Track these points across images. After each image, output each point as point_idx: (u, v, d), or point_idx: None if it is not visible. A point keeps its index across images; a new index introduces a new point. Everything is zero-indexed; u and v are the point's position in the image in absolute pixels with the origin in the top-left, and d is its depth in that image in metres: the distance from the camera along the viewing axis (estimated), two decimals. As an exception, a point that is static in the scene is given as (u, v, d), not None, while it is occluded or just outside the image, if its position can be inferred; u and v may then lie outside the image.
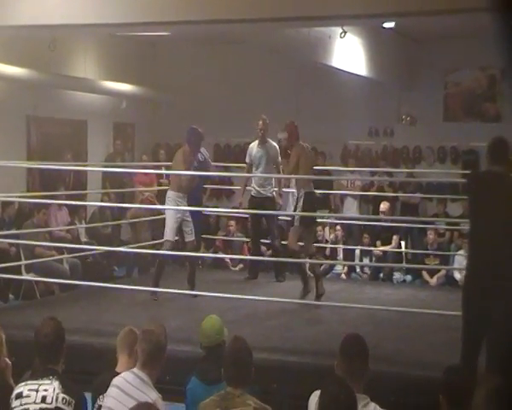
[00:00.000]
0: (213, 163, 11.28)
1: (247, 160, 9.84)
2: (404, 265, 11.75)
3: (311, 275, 8.55)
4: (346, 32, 9.12)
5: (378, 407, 3.79)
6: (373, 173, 13.09)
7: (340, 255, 12.51)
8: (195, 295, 8.24)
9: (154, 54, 14.82)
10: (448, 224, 12.13)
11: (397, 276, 11.93)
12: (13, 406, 4.05)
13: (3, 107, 11.70)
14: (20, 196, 10.99)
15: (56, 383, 4.05)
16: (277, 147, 9.68)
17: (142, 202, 11.91)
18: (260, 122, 9.72)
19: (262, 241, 10.26)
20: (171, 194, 8.59)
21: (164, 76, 14.67)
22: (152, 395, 4.05)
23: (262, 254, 10.59)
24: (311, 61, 11.81)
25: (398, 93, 14.17)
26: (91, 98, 13.81)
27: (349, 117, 13.95)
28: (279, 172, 9.71)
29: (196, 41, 13.63)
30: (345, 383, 3.44)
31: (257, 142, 9.78)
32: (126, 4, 7.85)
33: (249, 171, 9.76)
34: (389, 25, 11.25)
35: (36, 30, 8.86)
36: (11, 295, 10.49)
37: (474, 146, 13.17)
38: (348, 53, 11.49)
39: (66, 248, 10.35)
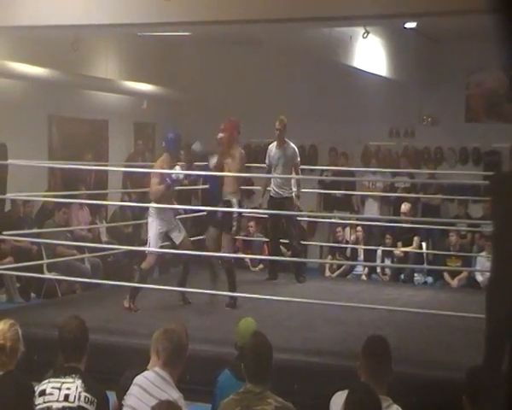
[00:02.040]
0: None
1: (267, 161, 9.80)
2: (426, 266, 11.70)
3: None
4: (368, 33, 9.09)
5: (400, 408, 3.77)
6: (394, 174, 13.04)
7: (361, 256, 12.48)
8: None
9: (174, 54, 14.85)
10: (469, 225, 12.06)
11: (418, 277, 11.88)
12: (36, 403, 4.07)
13: (26, 107, 11.77)
14: (41, 196, 11.06)
15: (79, 382, 4.06)
16: (295, 148, 9.65)
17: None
18: (278, 123, 9.64)
19: (281, 241, 10.21)
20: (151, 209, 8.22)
21: (184, 76, 14.70)
22: (173, 394, 4.05)
23: (281, 255, 10.49)
24: (331, 62, 11.78)
25: (419, 94, 14.11)
26: (112, 98, 13.87)
27: (370, 118, 13.91)
28: (297, 174, 9.69)
29: (217, 41, 13.65)
30: (370, 389, 3.43)
31: (275, 143, 9.74)
32: (148, 5, 7.88)
33: (269, 172, 9.71)
34: (411, 25, 11.21)
35: (58, 30, 8.90)
36: (33, 294, 10.57)
37: (497, 147, 13.09)
38: (369, 53, 11.45)
39: (87, 247, 10.40)
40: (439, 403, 5.71)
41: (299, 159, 9.73)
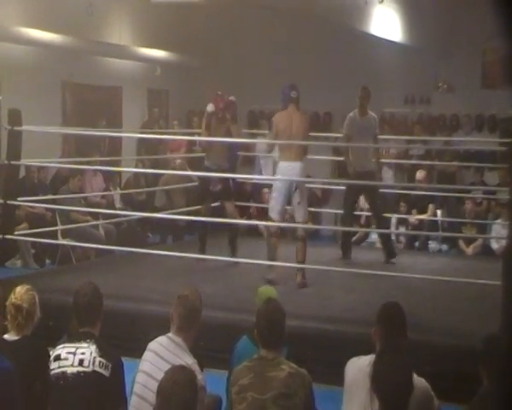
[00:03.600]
0: (247, 130, 11.05)
1: (346, 130, 9.14)
2: (440, 233, 11.65)
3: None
4: (384, -2, 8.98)
5: (415, 375, 3.75)
6: (409, 142, 12.94)
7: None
8: (236, 263, 8.24)
9: (188, 20, 14.74)
10: (485, 192, 11.98)
11: (432, 245, 11.83)
12: (51, 367, 4.08)
13: (39, 73, 11.73)
14: (56, 162, 11.06)
15: (94, 347, 4.07)
16: (376, 118, 9.28)
17: (174, 169, 11.93)
18: (361, 91, 9.08)
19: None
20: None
21: (198, 42, 14.60)
22: (188, 360, 4.05)
23: (354, 231, 9.67)
24: (346, 28, 11.67)
25: (435, 60, 13.96)
26: (126, 65, 13.80)
27: (385, 85, 13.77)
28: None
29: (230, 6, 13.53)
30: (401, 352, 3.40)
31: (357, 112, 9.11)
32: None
33: (348, 142, 9.18)
34: (427, -10, 11.08)
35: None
36: (48, 260, 10.61)
37: (513, 114, 12.96)
38: (385, 19, 11.33)
39: (101, 213, 10.41)
40: (454, 371, 5.71)
41: (377, 130, 9.28)
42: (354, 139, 9.02)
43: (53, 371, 4.06)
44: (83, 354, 4.05)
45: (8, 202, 8.05)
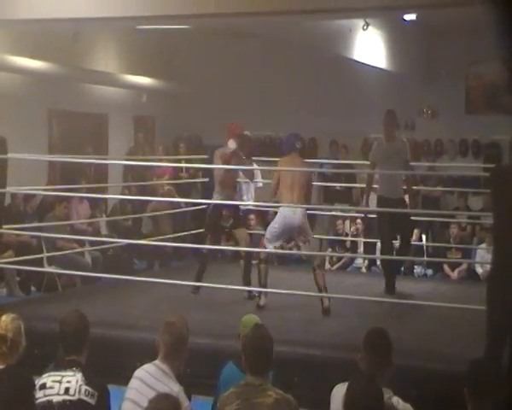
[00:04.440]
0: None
1: (371, 158, 8.81)
2: (425, 258, 11.69)
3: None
4: (368, 25, 9.07)
5: (401, 400, 3.77)
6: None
7: (361, 249, 12.47)
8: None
9: (174, 47, 14.81)
10: (469, 217, 12.05)
11: (418, 270, 11.87)
12: (37, 396, 4.07)
13: (25, 100, 11.74)
14: (41, 189, 11.04)
15: (79, 375, 4.06)
16: (406, 143, 8.90)
17: (162, 196, 11.94)
18: (386, 115, 8.78)
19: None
20: None
21: (184, 69, 14.67)
22: (174, 388, 4.05)
23: (395, 261, 8.96)
24: (331, 54, 11.76)
25: (419, 86, 14.08)
26: (112, 92, 13.84)
27: (370, 110, 13.87)
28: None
29: (216, 34, 13.62)
30: (372, 379, 3.43)
31: (383, 138, 8.83)
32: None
33: (372, 169, 8.84)
34: (410, 17, 11.18)
35: (58, 24, 8.89)
36: (33, 288, 10.56)
37: (497, 139, 13.08)
38: (369, 46, 11.43)
39: (87, 240, 10.39)
40: (440, 396, 5.72)
41: (409, 156, 8.80)
42: (381, 166, 8.68)
43: (39, 400, 4.04)
44: (69, 382, 4.04)
45: (-6, 229, 8.02)
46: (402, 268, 11.81)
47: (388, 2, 7.31)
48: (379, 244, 11.93)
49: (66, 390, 4.02)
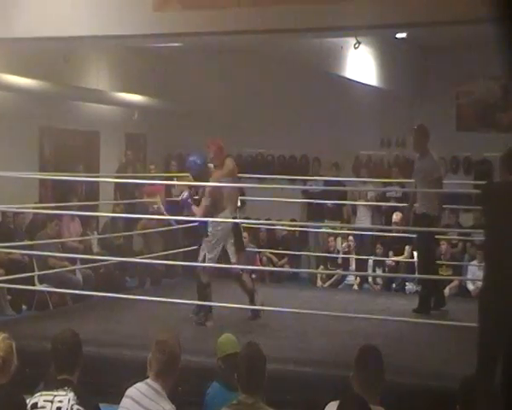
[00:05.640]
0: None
1: (413, 176, 8.78)
2: (417, 275, 11.68)
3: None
4: (359, 43, 9.10)
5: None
6: (385, 184, 13.05)
7: (353, 266, 12.48)
8: None
9: (165, 64, 14.84)
10: (460, 234, 12.07)
11: (409, 286, 11.88)
12: (28, 416, 4.05)
13: (17, 118, 11.74)
14: (32, 207, 11.02)
15: (71, 395, 4.03)
16: (436, 160, 8.71)
17: (152, 213, 11.93)
18: (415, 130, 8.76)
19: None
20: None
21: (175, 87, 14.69)
22: (166, 406, 4.03)
23: (441, 283, 9.01)
24: (323, 72, 11.81)
25: (410, 103, 14.15)
26: (104, 109, 13.85)
27: (361, 127, 13.93)
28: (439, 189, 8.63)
29: (207, 51, 13.66)
30: (361, 399, 3.43)
31: (417, 154, 8.77)
32: (138, 16, 7.88)
33: (415, 187, 8.70)
34: (401, 35, 11.25)
35: (49, 42, 8.89)
36: (24, 306, 10.52)
37: (488, 156, 13.13)
38: (360, 63, 11.48)
39: (78, 258, 10.37)
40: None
41: (441, 173, 8.76)
42: (415, 182, 8.72)
43: (30, 420, 4.02)
44: (60, 401, 4.01)
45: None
46: (393, 285, 11.91)
47: (380, 20, 7.34)
48: (370, 261, 12.03)
49: (58, 410, 3.99)
